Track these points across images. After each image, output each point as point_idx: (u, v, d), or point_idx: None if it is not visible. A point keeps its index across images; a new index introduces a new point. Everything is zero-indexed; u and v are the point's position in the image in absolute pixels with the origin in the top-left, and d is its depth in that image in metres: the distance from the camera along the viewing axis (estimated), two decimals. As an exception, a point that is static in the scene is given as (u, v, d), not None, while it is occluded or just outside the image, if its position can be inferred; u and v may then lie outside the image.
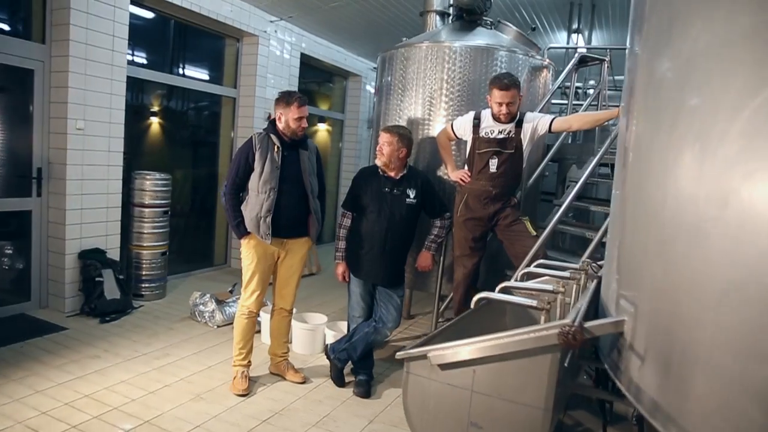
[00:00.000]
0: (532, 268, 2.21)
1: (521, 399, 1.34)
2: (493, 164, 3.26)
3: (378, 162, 3.36)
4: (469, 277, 3.39)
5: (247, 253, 3.34)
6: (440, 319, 3.86)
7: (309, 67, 7.44)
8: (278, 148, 3.28)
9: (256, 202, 3.26)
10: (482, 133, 3.28)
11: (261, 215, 3.24)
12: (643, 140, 1.30)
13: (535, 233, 3.29)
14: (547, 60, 4.02)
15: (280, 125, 3.28)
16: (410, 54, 3.96)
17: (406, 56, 3.98)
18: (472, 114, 3.35)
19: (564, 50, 5.69)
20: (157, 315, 4.63)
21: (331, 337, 3.94)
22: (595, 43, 6.26)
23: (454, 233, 3.43)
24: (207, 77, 6.21)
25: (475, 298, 1.65)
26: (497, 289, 1.87)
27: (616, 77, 4.77)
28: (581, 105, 4.83)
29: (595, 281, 1.68)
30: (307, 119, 3.31)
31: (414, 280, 3.89)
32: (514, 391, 1.35)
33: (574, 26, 6.09)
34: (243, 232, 3.30)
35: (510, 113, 3.16)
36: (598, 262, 2.13)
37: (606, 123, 3.17)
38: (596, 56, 3.97)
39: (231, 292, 4.82)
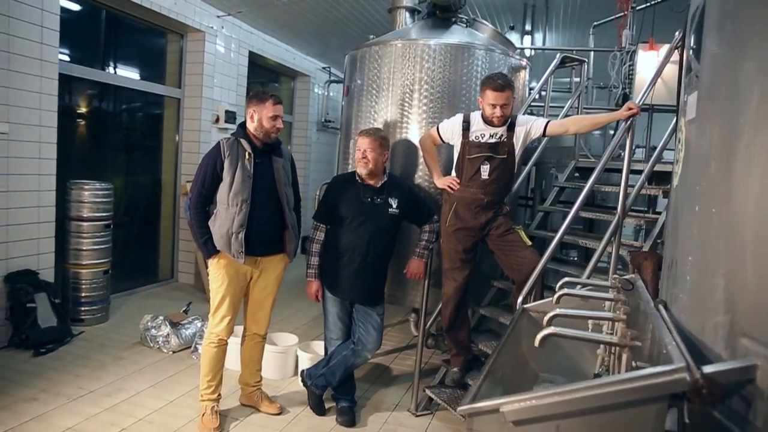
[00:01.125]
0: (567, 290, 2.03)
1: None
2: (485, 170, 3.06)
3: (362, 171, 3.08)
4: (459, 291, 3.17)
5: (217, 274, 2.97)
6: (428, 341, 3.62)
7: (255, 66, 7.01)
8: (250, 155, 2.93)
9: (227, 216, 2.89)
10: (472, 138, 3.07)
11: (232, 231, 2.88)
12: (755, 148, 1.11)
13: (530, 243, 3.11)
14: (525, 60, 3.88)
15: (252, 126, 2.94)
16: (384, 52, 3.70)
17: (380, 55, 3.71)
18: (460, 117, 3.13)
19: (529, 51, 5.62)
20: (102, 342, 4.11)
21: (305, 361, 3.61)
22: (546, 44, 6.26)
23: (443, 245, 3.20)
24: (148, 76, 5.66)
25: (540, 336, 1.41)
26: (546, 319, 1.65)
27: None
28: (559, 108, 4.77)
29: (660, 308, 1.50)
30: (282, 120, 2.98)
31: (391, 294, 3.63)
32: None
33: (527, 27, 6.05)
34: (212, 251, 2.92)
35: (504, 116, 2.97)
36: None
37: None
38: (577, 57, 3.88)
39: (186, 312, 4.37)
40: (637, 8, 4.82)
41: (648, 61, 4.56)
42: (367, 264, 3.08)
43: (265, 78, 7.90)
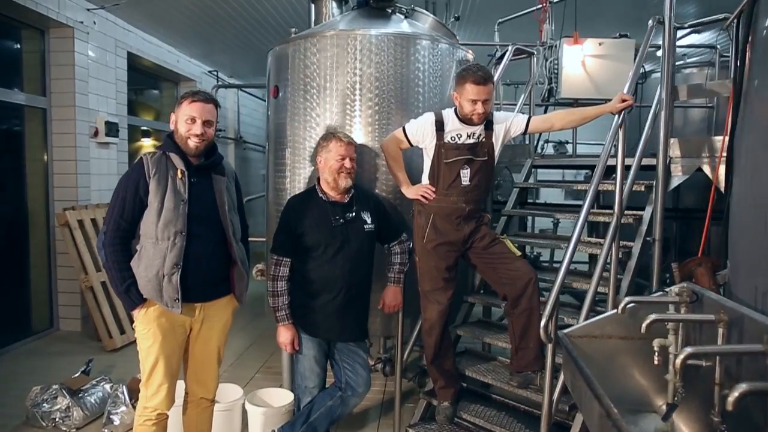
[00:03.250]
0: (633, 297, 1.73)
1: None
2: (465, 175, 2.68)
3: (344, 183, 2.57)
4: (444, 315, 2.76)
5: (146, 331, 2.27)
6: (410, 375, 3.14)
7: (134, 69, 6.04)
8: (183, 173, 2.27)
9: (155, 253, 2.22)
10: (447, 139, 2.68)
11: (164, 273, 2.21)
12: None
13: (519, 253, 2.79)
14: (471, 52, 3.57)
15: (177, 134, 2.30)
16: (322, 46, 3.17)
17: (318, 49, 3.18)
18: (431, 116, 2.72)
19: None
20: (-30, 431, 3.11)
21: (257, 419, 2.96)
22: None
23: (420, 264, 2.77)
24: None
25: (683, 355, 1.03)
26: (645, 325, 1.30)
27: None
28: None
29: None
30: (213, 126, 2.35)
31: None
32: None
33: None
34: (136, 301, 2.23)
35: (486, 113, 2.61)
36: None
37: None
38: (527, 50, 3.66)
39: (86, 372, 3.49)
40: (555, 1, 4.75)
41: (573, 56, 4.51)
42: (352, 296, 2.59)
43: (143, 84, 6.89)
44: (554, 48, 4.71)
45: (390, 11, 3.52)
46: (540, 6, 4.69)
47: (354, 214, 2.62)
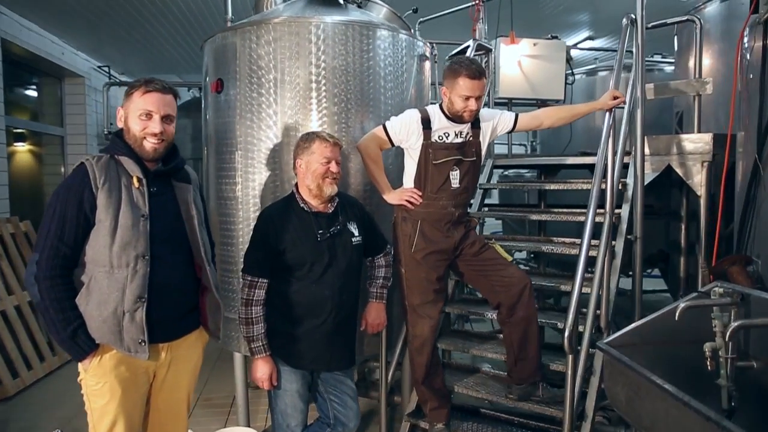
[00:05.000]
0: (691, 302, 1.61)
1: None
2: (455, 177, 2.46)
3: (329, 190, 2.21)
4: (435, 330, 2.52)
5: (99, 386, 1.79)
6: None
7: (9, 62, 5.10)
8: (140, 180, 1.82)
9: (111, 285, 1.76)
10: (435, 138, 2.44)
11: (124, 309, 1.76)
12: None
13: (511, 258, 2.63)
14: (428, 45, 3.36)
15: (129, 134, 1.84)
16: (271, 34, 2.79)
17: (264, 38, 2.79)
18: (416, 113, 2.47)
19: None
20: None
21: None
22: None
23: (407, 276, 2.50)
24: None
25: None
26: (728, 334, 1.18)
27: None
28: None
29: None
30: (173, 122, 1.91)
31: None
32: None
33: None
34: (87, 348, 1.76)
35: (478, 110, 2.41)
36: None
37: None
38: (486, 45, 3.54)
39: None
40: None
41: (510, 56, 4.50)
42: (342, 319, 2.25)
43: (18, 80, 5.88)
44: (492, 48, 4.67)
45: (342, 1, 3.22)
46: (473, 3, 4.64)
47: (340, 225, 2.30)
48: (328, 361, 2.27)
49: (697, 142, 2.79)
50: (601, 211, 2.49)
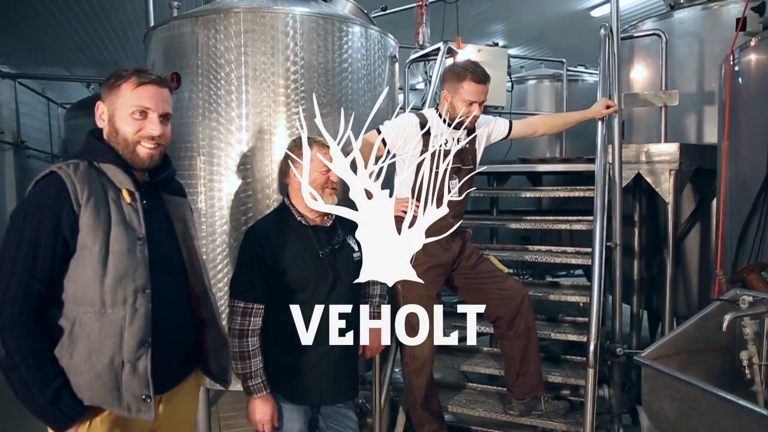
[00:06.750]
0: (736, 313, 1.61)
1: None
2: (454, 186, 2.32)
3: (330, 201, 1.95)
4: (435, 350, 2.36)
5: (85, 456, 1.41)
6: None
7: None
8: (131, 194, 1.47)
9: (105, 329, 1.41)
10: (434, 144, 2.29)
11: (124, 359, 1.40)
12: None
13: (507, 270, 2.55)
14: (397, 43, 3.19)
15: (117, 137, 1.49)
16: (240, 25, 2.46)
17: (233, 28, 2.45)
18: (413, 117, 2.30)
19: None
20: None
21: None
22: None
23: (405, 293, 2.31)
24: None
25: None
26: None
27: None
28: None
29: None
30: (170, 123, 1.59)
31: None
32: None
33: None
34: (73, 413, 1.39)
35: (480, 115, 2.30)
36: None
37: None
38: (454, 49, 3.45)
39: None
40: (429, 1, 4.66)
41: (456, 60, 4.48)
42: (348, 345, 1.99)
43: None
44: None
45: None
46: (417, 4, 4.55)
47: (340, 240, 2.06)
48: (335, 393, 2.03)
49: (664, 152, 2.92)
50: (588, 218, 2.50)
